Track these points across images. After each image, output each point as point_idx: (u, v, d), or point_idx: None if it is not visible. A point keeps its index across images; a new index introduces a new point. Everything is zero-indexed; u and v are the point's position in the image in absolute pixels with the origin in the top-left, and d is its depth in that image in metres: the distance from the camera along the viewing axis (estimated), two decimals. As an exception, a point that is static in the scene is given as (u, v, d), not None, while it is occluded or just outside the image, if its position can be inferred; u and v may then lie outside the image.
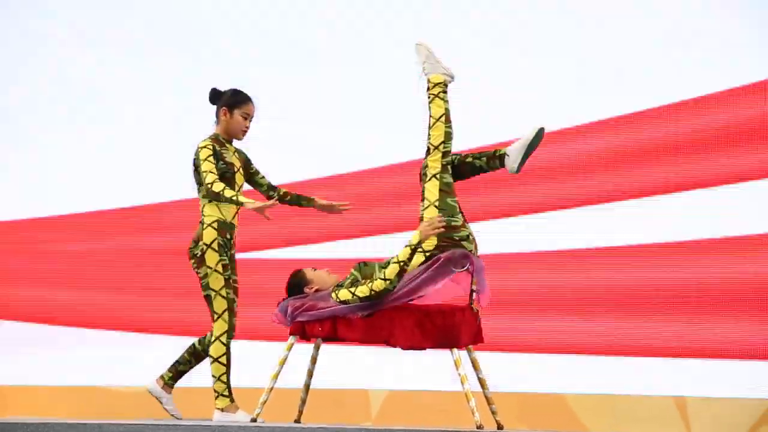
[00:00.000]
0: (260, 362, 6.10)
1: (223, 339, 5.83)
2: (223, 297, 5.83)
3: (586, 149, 7.46)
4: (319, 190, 5.92)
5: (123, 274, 8.46)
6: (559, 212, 7.51)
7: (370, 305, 5.51)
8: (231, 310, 5.85)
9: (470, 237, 5.58)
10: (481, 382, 5.71)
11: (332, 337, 5.63)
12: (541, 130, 5.65)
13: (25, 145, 8.63)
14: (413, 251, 5.48)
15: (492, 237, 7.35)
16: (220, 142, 5.94)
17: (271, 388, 5.70)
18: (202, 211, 5.90)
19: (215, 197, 5.79)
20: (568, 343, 7.42)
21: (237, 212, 5.93)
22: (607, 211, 7.41)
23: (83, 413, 8.11)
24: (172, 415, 6.02)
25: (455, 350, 5.52)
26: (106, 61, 8.43)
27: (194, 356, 6.04)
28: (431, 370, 7.02)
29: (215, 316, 5.85)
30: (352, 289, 5.52)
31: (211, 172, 5.79)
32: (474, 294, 5.57)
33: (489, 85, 7.50)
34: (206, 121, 5.99)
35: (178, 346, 8.15)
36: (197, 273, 5.89)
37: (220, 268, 5.84)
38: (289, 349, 5.69)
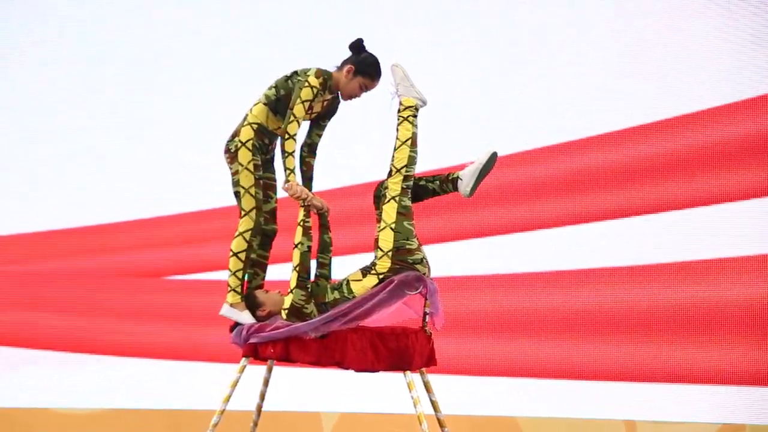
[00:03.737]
0: (213, 384, 6.04)
1: (246, 236, 5.74)
2: (251, 195, 5.75)
3: (541, 172, 7.50)
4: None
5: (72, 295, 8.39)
6: (512, 236, 7.54)
7: (311, 324, 5.48)
8: (259, 209, 5.77)
9: (424, 260, 5.59)
10: (434, 405, 5.71)
11: (285, 359, 5.61)
12: (494, 154, 5.68)
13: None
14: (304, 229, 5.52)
15: (446, 259, 7.38)
16: (328, 85, 5.75)
17: (223, 411, 5.67)
18: (251, 109, 5.83)
19: (283, 142, 5.65)
20: (520, 366, 7.44)
21: (279, 127, 5.80)
22: (562, 235, 7.45)
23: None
24: None
25: (408, 372, 5.52)
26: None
27: None
28: (384, 392, 7.01)
29: (242, 213, 5.77)
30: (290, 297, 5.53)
31: (297, 122, 5.65)
32: (427, 316, 5.57)
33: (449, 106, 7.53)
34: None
35: (117, 366, 8.14)
36: (229, 168, 5.83)
37: (251, 167, 5.75)
38: (242, 371, 5.66)
